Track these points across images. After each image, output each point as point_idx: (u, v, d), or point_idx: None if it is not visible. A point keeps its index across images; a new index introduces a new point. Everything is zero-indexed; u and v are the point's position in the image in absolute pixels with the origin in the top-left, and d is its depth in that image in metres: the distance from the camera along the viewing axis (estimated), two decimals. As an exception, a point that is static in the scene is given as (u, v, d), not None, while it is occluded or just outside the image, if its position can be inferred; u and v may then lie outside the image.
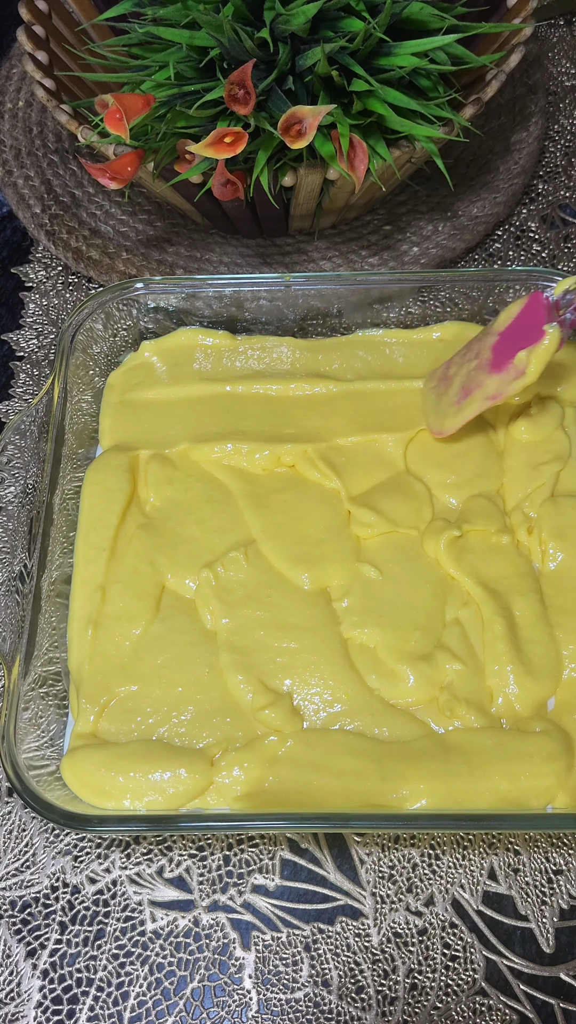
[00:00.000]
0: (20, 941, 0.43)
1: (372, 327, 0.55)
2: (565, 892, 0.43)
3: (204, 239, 0.64)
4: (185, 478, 0.50)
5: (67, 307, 0.63)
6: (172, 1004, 0.41)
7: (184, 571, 0.47)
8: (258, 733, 0.43)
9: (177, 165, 0.52)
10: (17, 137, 0.68)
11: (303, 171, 0.51)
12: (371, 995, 0.41)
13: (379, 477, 0.50)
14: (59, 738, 0.43)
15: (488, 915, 0.43)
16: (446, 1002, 0.41)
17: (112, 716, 0.43)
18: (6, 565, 0.46)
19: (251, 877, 0.44)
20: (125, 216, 0.65)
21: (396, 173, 0.54)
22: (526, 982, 0.41)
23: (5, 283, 0.65)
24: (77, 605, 0.46)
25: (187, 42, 0.49)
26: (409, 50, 0.49)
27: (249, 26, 0.48)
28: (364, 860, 0.44)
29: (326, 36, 0.49)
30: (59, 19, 0.61)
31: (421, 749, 0.41)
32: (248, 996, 0.41)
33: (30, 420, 0.50)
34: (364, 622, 0.45)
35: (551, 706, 0.43)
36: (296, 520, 0.48)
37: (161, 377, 0.54)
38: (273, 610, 0.46)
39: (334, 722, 0.43)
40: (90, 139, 0.51)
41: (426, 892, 0.43)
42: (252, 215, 0.59)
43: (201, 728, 0.43)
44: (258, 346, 0.55)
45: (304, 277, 0.53)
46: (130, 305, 0.54)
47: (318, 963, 0.42)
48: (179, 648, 0.45)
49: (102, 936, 0.43)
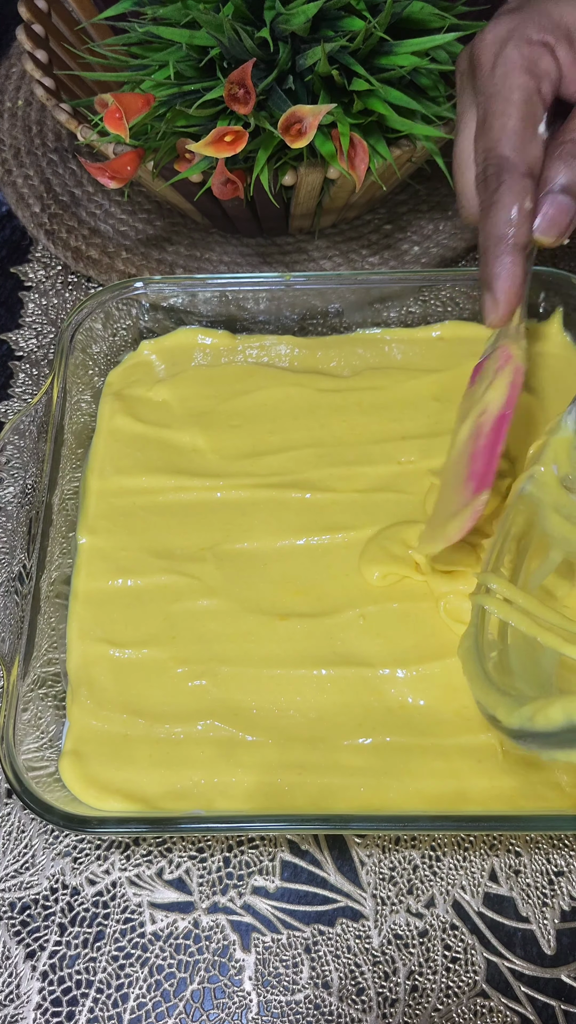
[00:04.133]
0: (19, 943, 0.42)
1: (372, 326, 0.55)
2: (566, 894, 0.43)
3: (204, 238, 0.63)
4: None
5: (66, 306, 0.63)
6: (172, 1006, 0.41)
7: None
8: (259, 736, 0.42)
9: (177, 164, 0.52)
10: (16, 136, 0.68)
11: (303, 170, 0.51)
12: (372, 997, 0.41)
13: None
14: (58, 739, 0.43)
15: (489, 917, 0.43)
16: (447, 1004, 0.41)
17: (111, 717, 0.43)
18: (5, 566, 0.46)
19: (251, 879, 0.43)
20: (125, 215, 0.65)
21: (396, 172, 0.54)
22: (527, 984, 0.41)
23: (4, 282, 0.65)
24: (77, 606, 0.46)
25: (187, 41, 0.49)
26: (410, 49, 0.49)
27: (249, 25, 0.48)
28: (365, 862, 0.44)
29: (326, 35, 0.49)
30: (59, 18, 0.61)
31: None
32: (248, 998, 0.41)
33: (29, 420, 0.50)
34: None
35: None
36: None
37: (160, 376, 0.54)
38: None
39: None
40: (89, 138, 0.51)
41: (427, 894, 0.43)
42: (252, 214, 0.58)
43: (202, 729, 0.43)
44: (257, 345, 0.55)
45: (304, 276, 0.53)
46: (130, 304, 0.54)
47: (318, 965, 0.42)
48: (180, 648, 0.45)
49: (102, 938, 0.42)
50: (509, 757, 0.41)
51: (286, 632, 0.45)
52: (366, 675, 0.44)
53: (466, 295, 0.54)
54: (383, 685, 0.44)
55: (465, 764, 0.41)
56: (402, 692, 0.43)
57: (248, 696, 0.44)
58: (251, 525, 0.49)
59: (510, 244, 0.41)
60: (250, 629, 0.45)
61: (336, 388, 0.53)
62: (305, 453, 0.51)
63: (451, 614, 0.45)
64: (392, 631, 0.45)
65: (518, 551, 0.42)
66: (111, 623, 0.46)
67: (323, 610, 0.46)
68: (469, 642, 0.40)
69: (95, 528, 0.49)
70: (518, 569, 0.42)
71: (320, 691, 0.44)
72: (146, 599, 0.47)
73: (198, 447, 0.51)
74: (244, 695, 0.44)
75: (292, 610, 0.46)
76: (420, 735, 0.42)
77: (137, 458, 0.51)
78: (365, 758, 0.42)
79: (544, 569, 0.43)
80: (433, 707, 0.43)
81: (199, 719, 0.43)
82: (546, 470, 0.43)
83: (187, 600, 0.46)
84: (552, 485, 0.43)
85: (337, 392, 0.53)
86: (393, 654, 0.44)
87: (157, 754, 0.42)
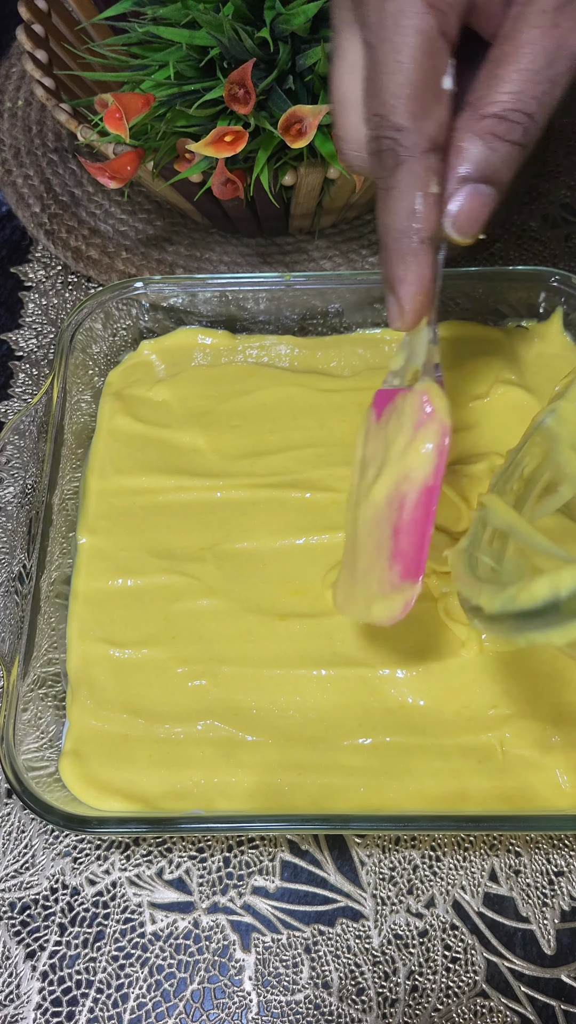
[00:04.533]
0: (19, 943, 0.42)
1: (372, 326, 0.55)
2: (566, 893, 0.43)
3: (204, 238, 0.63)
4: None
5: (66, 307, 0.63)
6: (172, 1006, 0.41)
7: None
8: (259, 736, 0.42)
9: (177, 164, 0.52)
10: (16, 136, 0.68)
11: (303, 170, 0.51)
12: (372, 997, 0.41)
13: None
14: (58, 739, 0.43)
15: (489, 917, 0.43)
16: (447, 1004, 0.41)
17: (111, 717, 0.43)
18: (5, 566, 0.46)
19: (251, 879, 0.43)
20: (125, 215, 0.65)
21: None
22: (527, 984, 0.41)
23: (4, 283, 0.65)
24: (77, 606, 0.46)
25: (187, 41, 0.49)
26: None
27: (249, 25, 0.48)
28: (365, 862, 0.44)
29: (326, 35, 0.49)
30: (59, 18, 0.61)
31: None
32: (248, 998, 0.41)
33: (29, 420, 0.50)
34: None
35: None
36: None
37: (160, 376, 0.54)
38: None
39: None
40: (89, 138, 0.51)
41: (427, 894, 0.43)
42: (252, 214, 0.58)
43: (202, 729, 0.43)
44: (257, 345, 0.55)
45: (304, 276, 0.53)
46: (129, 304, 0.54)
47: (318, 965, 0.42)
48: (180, 648, 0.45)
49: (102, 938, 0.42)
50: (509, 757, 0.41)
51: (286, 632, 0.45)
52: (366, 675, 0.44)
53: (466, 295, 0.54)
54: (383, 685, 0.44)
55: (465, 764, 0.41)
56: (402, 692, 0.43)
57: (248, 696, 0.44)
58: (251, 525, 0.49)
59: (415, 240, 0.34)
60: (250, 629, 0.45)
61: (336, 388, 0.53)
62: (305, 453, 0.51)
63: (451, 614, 0.45)
64: (392, 631, 0.45)
65: (527, 484, 0.41)
66: (111, 623, 0.46)
67: (323, 610, 0.46)
68: (464, 544, 0.37)
69: (95, 528, 0.49)
70: (523, 500, 0.40)
71: (320, 691, 0.44)
72: (146, 599, 0.47)
73: (198, 447, 0.51)
74: (244, 695, 0.44)
75: (292, 610, 0.46)
76: (420, 735, 0.42)
77: (137, 458, 0.51)
78: (365, 758, 0.42)
79: (551, 504, 0.40)
80: (433, 707, 0.43)
81: (199, 719, 0.43)
82: (569, 406, 0.41)
83: (187, 600, 0.46)
84: (573, 422, 0.41)
85: (337, 392, 0.53)
86: (393, 654, 0.44)
87: (157, 754, 0.42)
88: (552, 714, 0.43)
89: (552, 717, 0.43)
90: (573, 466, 0.40)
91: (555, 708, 0.43)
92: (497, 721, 0.42)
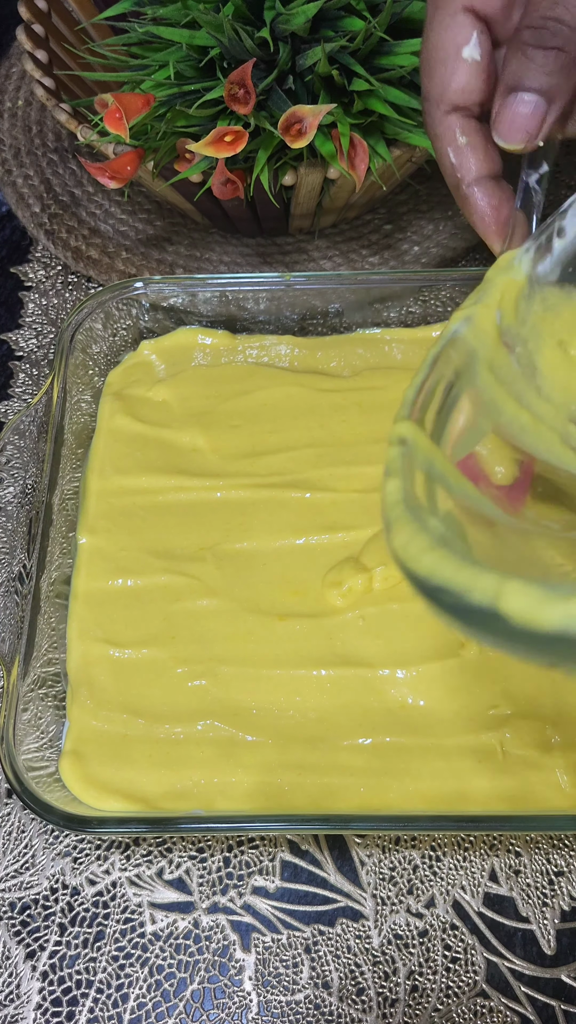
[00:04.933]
0: (19, 943, 0.42)
1: (372, 326, 0.55)
2: (566, 894, 0.43)
3: (204, 238, 0.63)
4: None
5: (66, 307, 0.63)
6: (172, 1006, 0.41)
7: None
8: (259, 736, 0.42)
9: (177, 164, 0.52)
10: (16, 136, 0.68)
11: (303, 170, 0.51)
12: (372, 997, 0.41)
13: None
14: (58, 739, 0.43)
15: (489, 917, 0.43)
16: (447, 1004, 0.41)
17: (111, 717, 0.43)
18: (5, 566, 0.46)
19: (251, 879, 0.43)
20: (125, 215, 0.65)
21: (396, 172, 0.54)
22: (527, 984, 0.41)
23: (4, 283, 0.65)
24: (77, 606, 0.46)
25: (187, 41, 0.49)
26: (410, 49, 0.49)
27: (249, 25, 0.48)
28: (365, 862, 0.44)
29: (326, 36, 0.49)
30: (59, 18, 0.61)
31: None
32: (248, 998, 0.41)
33: (29, 420, 0.50)
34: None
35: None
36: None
37: (160, 376, 0.54)
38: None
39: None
40: (89, 138, 0.51)
41: (427, 894, 0.43)
42: (252, 214, 0.58)
43: (202, 729, 0.43)
44: (257, 345, 0.55)
45: (304, 276, 0.53)
46: (130, 304, 0.54)
47: (318, 965, 0.42)
48: (180, 648, 0.45)
49: (102, 938, 0.42)
50: (509, 757, 0.41)
51: (286, 632, 0.45)
52: (366, 675, 0.44)
53: (466, 295, 0.54)
54: (383, 685, 0.44)
55: (465, 764, 0.41)
56: (402, 692, 0.43)
57: (248, 696, 0.44)
58: (251, 525, 0.49)
59: (463, 188, 0.40)
60: (250, 629, 0.45)
61: (336, 388, 0.53)
62: (305, 453, 0.51)
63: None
64: (392, 631, 0.45)
65: (444, 403, 0.33)
66: (111, 623, 0.46)
67: (323, 610, 0.46)
68: (397, 493, 0.28)
69: (95, 528, 0.49)
70: (440, 427, 0.33)
71: (320, 691, 0.44)
72: (146, 599, 0.47)
73: (198, 447, 0.51)
74: (244, 695, 0.44)
75: (292, 610, 0.46)
76: (420, 735, 0.42)
77: (137, 458, 0.51)
78: (365, 758, 0.42)
79: (469, 439, 0.33)
80: (433, 707, 0.43)
81: (199, 719, 0.43)
82: (485, 314, 0.35)
83: (187, 600, 0.46)
84: (490, 335, 0.35)
85: (337, 392, 0.53)
86: (393, 654, 0.44)
87: (157, 754, 0.42)
88: (552, 714, 0.43)
89: (552, 717, 0.43)
90: (490, 391, 0.33)
91: (555, 708, 0.43)
92: (497, 721, 0.42)
